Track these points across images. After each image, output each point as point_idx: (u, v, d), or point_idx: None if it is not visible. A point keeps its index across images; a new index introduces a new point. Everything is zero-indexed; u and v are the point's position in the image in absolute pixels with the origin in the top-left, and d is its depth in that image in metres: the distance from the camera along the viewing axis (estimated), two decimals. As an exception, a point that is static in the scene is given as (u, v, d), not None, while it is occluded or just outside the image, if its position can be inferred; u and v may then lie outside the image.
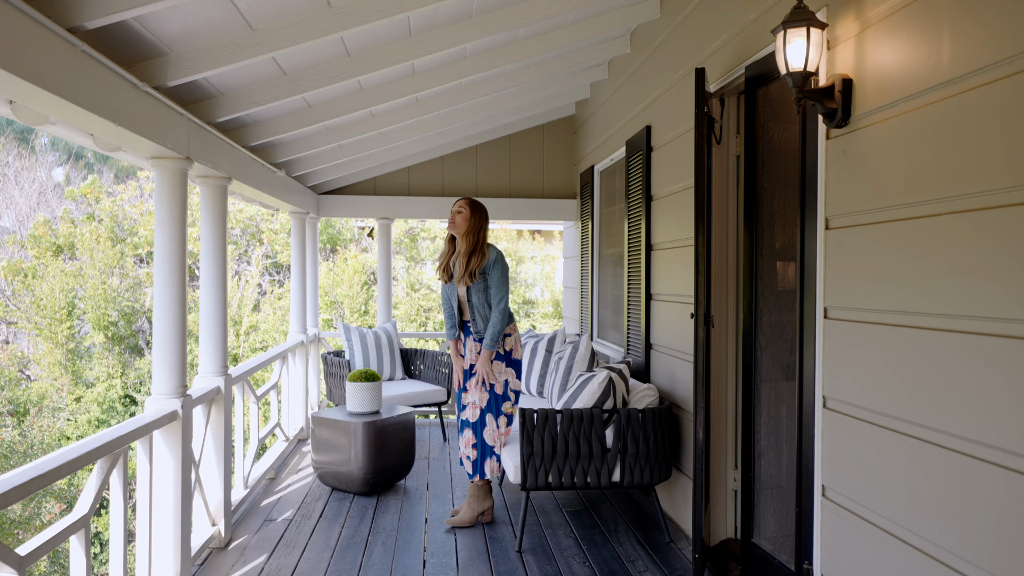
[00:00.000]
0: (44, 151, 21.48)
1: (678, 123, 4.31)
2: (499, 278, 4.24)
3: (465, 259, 4.21)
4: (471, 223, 4.25)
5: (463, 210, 4.27)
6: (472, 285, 4.22)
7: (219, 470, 4.06)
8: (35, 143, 21.16)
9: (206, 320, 4.06)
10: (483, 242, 4.27)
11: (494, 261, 4.24)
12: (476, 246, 4.23)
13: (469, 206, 4.28)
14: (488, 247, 4.27)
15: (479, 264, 4.19)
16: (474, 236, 4.24)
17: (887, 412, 2.37)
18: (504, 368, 4.31)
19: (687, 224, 4.13)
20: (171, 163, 3.36)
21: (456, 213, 4.27)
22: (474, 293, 4.24)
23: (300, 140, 5.16)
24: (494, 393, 4.29)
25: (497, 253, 4.28)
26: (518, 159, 7.36)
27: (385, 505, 4.75)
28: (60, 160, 22.72)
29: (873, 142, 2.47)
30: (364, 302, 14.92)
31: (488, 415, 4.28)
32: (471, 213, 4.26)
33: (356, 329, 6.61)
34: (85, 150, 24.90)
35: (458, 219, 4.26)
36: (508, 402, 4.31)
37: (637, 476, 4.01)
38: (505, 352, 4.32)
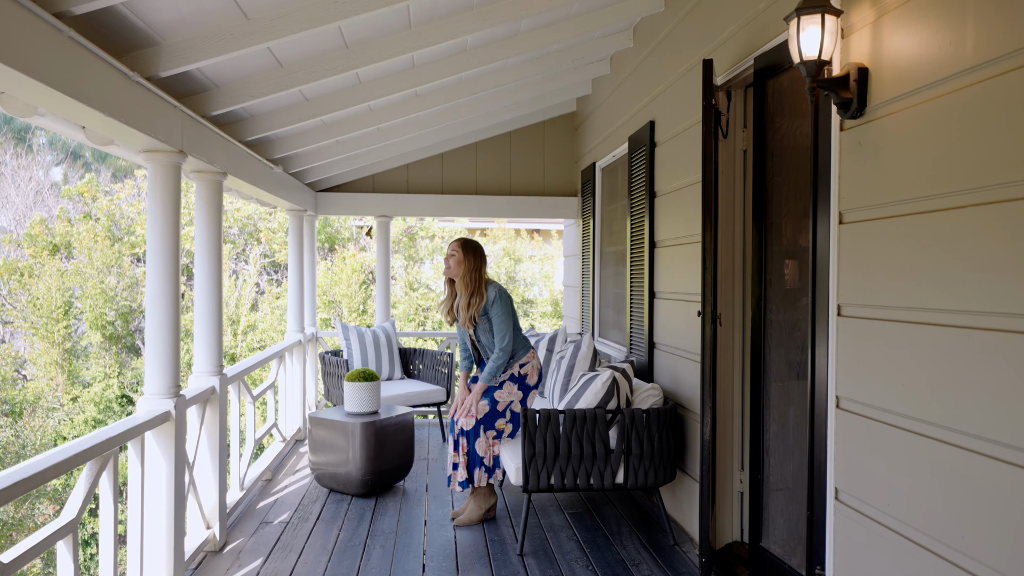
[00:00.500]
0: (41, 150, 21.38)
1: (683, 118, 4.23)
2: (500, 315, 4.19)
3: (466, 303, 4.19)
4: (466, 265, 4.19)
5: (456, 253, 4.22)
6: (478, 326, 4.23)
7: (214, 472, 3.97)
8: (32, 142, 21.05)
9: (201, 318, 3.97)
10: (480, 283, 4.22)
11: (494, 299, 4.19)
12: (474, 288, 4.19)
13: (462, 248, 4.24)
14: (487, 286, 4.23)
15: (479, 306, 4.18)
16: (471, 278, 4.19)
17: (905, 413, 2.28)
18: (515, 390, 4.29)
19: (692, 220, 4.04)
20: (164, 156, 3.26)
21: (450, 257, 4.24)
22: (482, 333, 4.27)
23: (297, 135, 5.07)
24: (494, 408, 4.24)
25: (497, 290, 4.23)
26: (518, 156, 7.27)
27: (384, 507, 4.66)
28: (58, 159, 22.62)
29: (891, 133, 2.38)
30: (362, 301, 14.82)
31: (481, 426, 4.21)
32: (464, 255, 4.20)
33: (354, 328, 6.52)
34: (83, 149, 24.81)
35: (452, 263, 4.23)
36: (503, 420, 4.26)
37: (641, 478, 3.92)
38: (520, 375, 4.30)
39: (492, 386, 4.26)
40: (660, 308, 4.62)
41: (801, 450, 3.02)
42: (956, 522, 2.07)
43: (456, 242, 4.27)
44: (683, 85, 4.23)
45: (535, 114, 7.07)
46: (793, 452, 3.14)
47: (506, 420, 4.27)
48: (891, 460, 2.35)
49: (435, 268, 15.72)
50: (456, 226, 15.58)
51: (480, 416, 4.22)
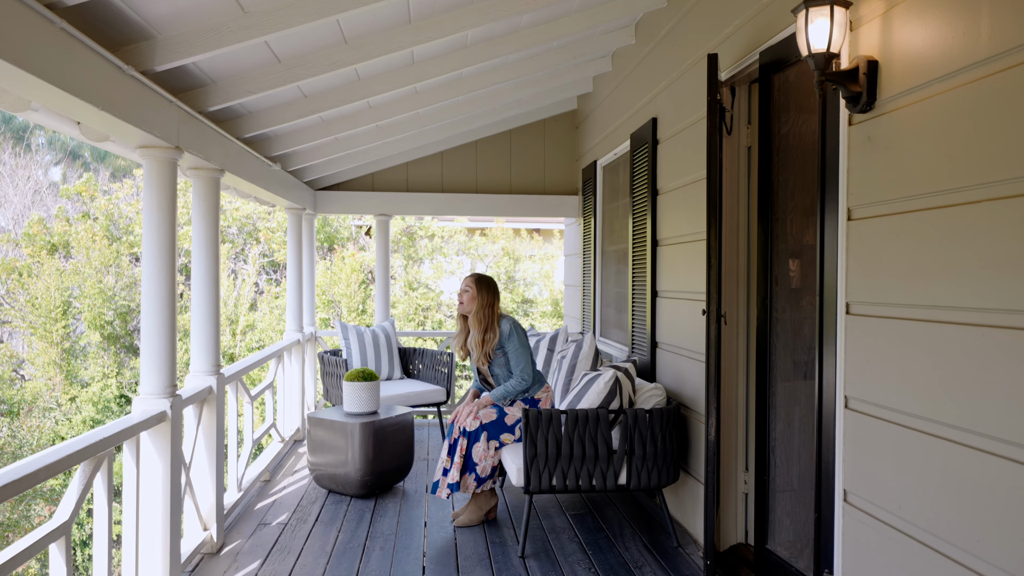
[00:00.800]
0: (40, 150, 21.32)
1: (686, 115, 4.18)
2: (517, 348, 4.20)
3: (479, 339, 4.20)
4: (479, 301, 4.20)
5: (470, 288, 4.24)
6: (493, 361, 4.23)
7: (211, 472, 3.91)
8: (31, 141, 20.99)
9: (198, 317, 3.92)
10: (494, 318, 4.23)
11: (509, 333, 4.20)
12: (488, 324, 4.19)
13: (475, 283, 4.25)
14: (500, 320, 4.24)
15: (493, 341, 4.19)
16: (484, 314, 4.20)
17: (918, 413, 2.23)
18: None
19: (695, 218, 3.99)
20: (160, 153, 3.21)
21: (463, 292, 4.26)
22: (496, 367, 4.27)
23: (296, 132, 5.02)
24: (501, 419, 4.20)
25: (511, 324, 4.25)
26: (519, 154, 7.22)
27: (383, 508, 4.61)
28: (57, 159, 22.56)
29: (901, 127, 2.33)
30: (362, 301, 14.77)
31: (484, 432, 4.16)
32: (478, 291, 4.21)
33: (353, 328, 6.47)
34: (82, 148, 24.75)
35: (465, 299, 4.25)
36: (510, 435, 4.21)
37: (644, 479, 3.87)
38: (532, 399, 4.29)
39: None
40: (663, 307, 4.57)
41: (808, 451, 2.97)
42: (971, 525, 2.01)
43: (470, 278, 4.30)
44: (686, 82, 4.18)
45: (536, 112, 7.02)
46: (800, 453, 3.09)
47: (514, 437, 4.22)
48: (902, 461, 2.29)
49: (434, 268, 15.67)
50: (456, 225, 15.53)
51: (485, 421, 4.17)
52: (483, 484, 4.17)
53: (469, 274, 4.35)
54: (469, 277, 4.30)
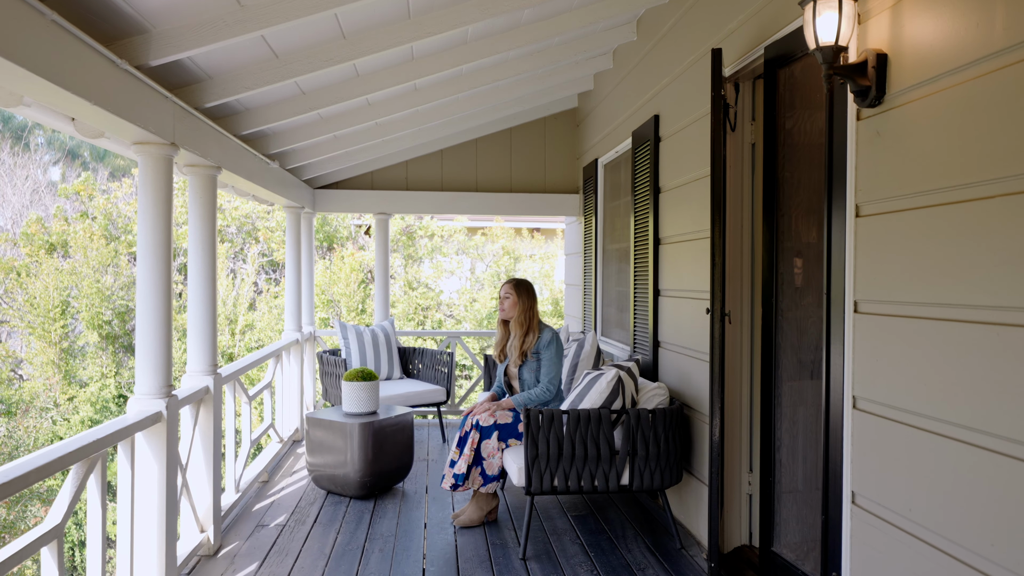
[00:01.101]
0: (39, 149, 21.28)
1: (688, 111, 4.13)
2: (552, 359, 4.28)
3: (519, 341, 4.30)
4: (520, 306, 4.32)
5: (510, 295, 4.35)
6: (525, 364, 4.30)
7: (208, 474, 3.86)
8: (30, 141, 20.94)
9: (194, 316, 3.87)
10: (534, 321, 4.34)
11: (549, 342, 4.29)
12: (528, 327, 4.31)
13: (515, 290, 4.35)
14: (542, 327, 4.34)
15: (532, 344, 4.28)
16: (525, 317, 4.32)
17: (929, 414, 2.18)
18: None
19: (699, 216, 3.94)
20: (155, 149, 3.16)
21: (504, 299, 4.37)
22: (526, 371, 4.32)
23: (294, 130, 4.97)
24: (516, 423, 4.18)
25: (552, 334, 4.34)
26: (519, 153, 7.17)
27: (383, 509, 4.56)
28: (56, 159, 22.51)
29: (911, 121, 2.28)
30: (361, 301, 14.71)
31: (496, 432, 4.12)
32: (518, 296, 4.33)
33: (353, 327, 6.42)
34: (81, 148, 24.69)
35: (507, 305, 4.35)
36: (518, 440, 4.18)
37: (647, 479, 3.82)
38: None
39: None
40: (665, 306, 4.52)
41: (815, 452, 2.92)
42: (983, 528, 1.96)
43: (509, 284, 4.39)
44: (689, 78, 4.13)
45: (536, 110, 6.97)
46: (806, 454, 3.04)
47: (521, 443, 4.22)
48: (913, 463, 2.24)
49: (434, 267, 15.62)
50: (455, 224, 15.48)
51: (501, 422, 4.16)
52: (489, 483, 4.13)
53: (507, 280, 4.46)
54: (508, 283, 4.40)
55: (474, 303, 15.03)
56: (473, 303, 15.01)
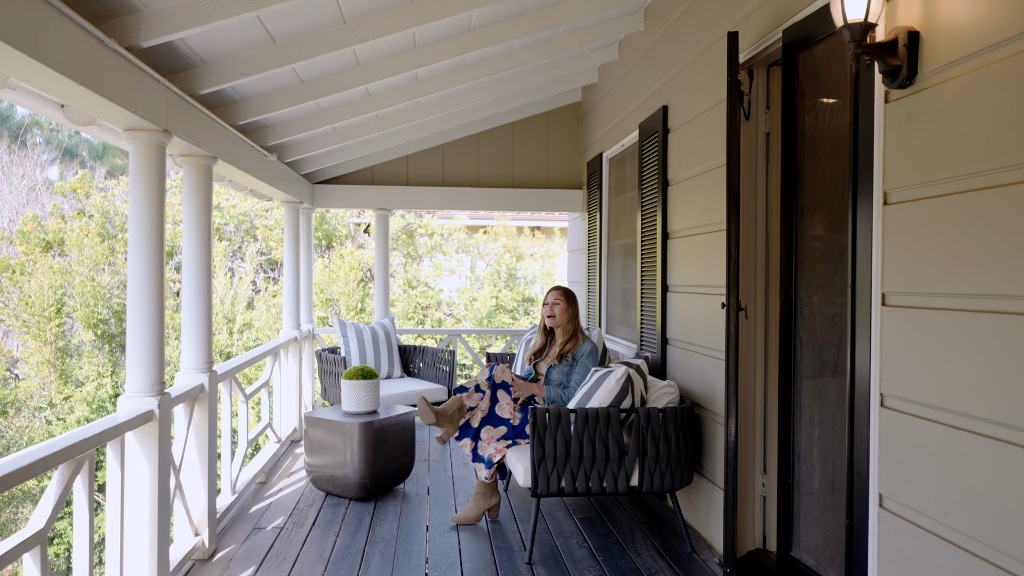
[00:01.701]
0: (37, 148, 21.14)
1: (699, 101, 4.00)
2: (587, 368, 4.21)
3: (561, 348, 4.29)
4: (568, 313, 4.32)
5: (560, 302, 4.32)
6: (557, 365, 4.26)
7: (203, 475, 3.73)
8: (28, 140, 20.80)
9: (189, 312, 3.74)
10: (578, 328, 4.34)
11: (589, 352, 4.28)
12: (572, 332, 4.32)
13: (565, 297, 4.34)
14: (584, 336, 4.33)
15: (573, 348, 4.28)
16: (571, 325, 4.32)
17: (965, 411, 2.05)
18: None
19: (710, 209, 3.82)
20: (147, 136, 3.03)
21: (554, 305, 4.33)
22: (556, 372, 4.27)
23: (293, 122, 4.84)
24: (523, 423, 4.08)
25: (592, 346, 4.31)
26: (522, 148, 7.04)
27: (383, 511, 4.43)
28: (53, 157, 22.36)
29: (945, 102, 2.15)
30: (360, 299, 14.58)
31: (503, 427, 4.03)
32: (567, 304, 4.33)
33: (352, 325, 6.29)
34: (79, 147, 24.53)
35: (557, 311, 4.31)
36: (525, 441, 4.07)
37: (657, 481, 3.69)
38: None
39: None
40: (674, 302, 4.39)
41: (838, 452, 2.79)
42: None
43: (559, 291, 4.37)
44: (699, 67, 4.00)
45: (539, 103, 6.84)
46: (828, 454, 2.90)
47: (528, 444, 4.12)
48: (948, 464, 2.12)
49: (434, 266, 15.49)
50: (456, 223, 15.35)
51: (516, 423, 4.08)
52: (477, 463, 4.04)
53: (554, 288, 4.43)
54: (558, 291, 4.38)
55: (474, 302, 14.90)
56: (473, 302, 14.89)
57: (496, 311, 14.93)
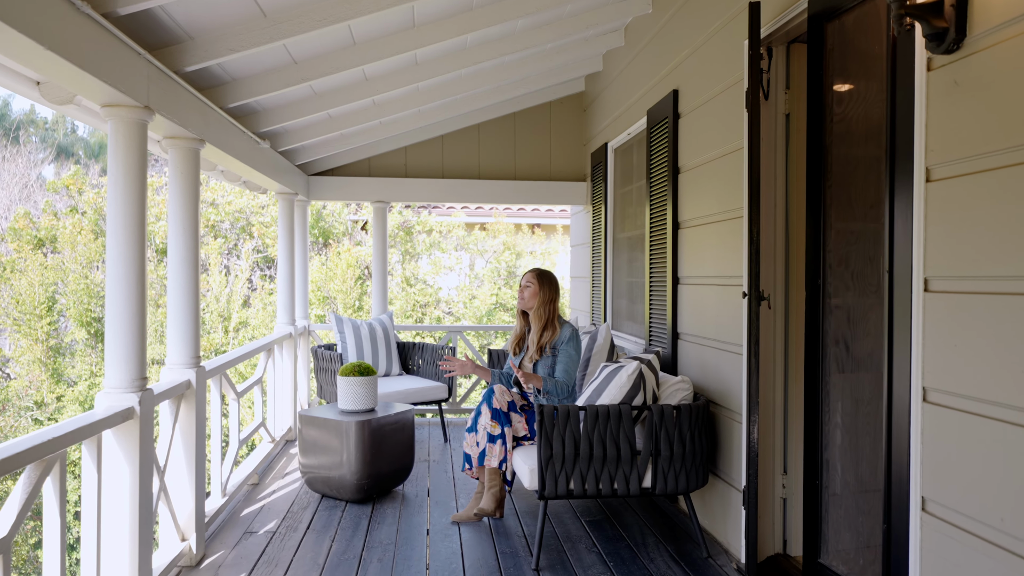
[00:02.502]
0: (29, 144, 20.90)
1: (712, 83, 3.80)
2: (570, 355, 4.04)
3: (538, 335, 4.07)
4: (541, 297, 4.09)
5: (531, 284, 4.11)
6: (540, 360, 4.04)
7: (190, 476, 3.52)
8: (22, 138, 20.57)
9: (175, 304, 3.53)
10: (554, 315, 4.11)
11: (568, 338, 4.04)
12: (547, 320, 4.08)
13: (537, 279, 4.12)
14: (561, 323, 4.08)
15: (550, 338, 4.04)
16: (545, 310, 4.08)
17: (1022, 406, 1.85)
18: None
19: (726, 195, 3.62)
20: (126, 112, 2.82)
21: (524, 288, 4.13)
22: (541, 367, 4.08)
23: (286, 107, 4.63)
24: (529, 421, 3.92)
25: (572, 330, 4.08)
26: (523, 139, 6.84)
27: (381, 514, 4.22)
28: (48, 157, 22.12)
29: (998, 67, 1.95)
30: (358, 297, 14.36)
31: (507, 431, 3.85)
32: (539, 287, 4.10)
33: (349, 321, 6.09)
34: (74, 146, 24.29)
35: (527, 294, 4.12)
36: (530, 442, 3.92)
37: (671, 482, 3.49)
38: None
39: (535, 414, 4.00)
40: (685, 295, 4.19)
41: (874, 452, 2.59)
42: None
43: (531, 273, 4.14)
44: (713, 47, 3.80)
45: (542, 93, 6.64)
46: (862, 455, 2.70)
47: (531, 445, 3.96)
48: (1006, 465, 1.91)
49: (432, 263, 15.27)
50: (454, 220, 15.15)
51: (518, 435, 3.91)
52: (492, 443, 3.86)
53: (530, 269, 4.20)
54: (530, 272, 4.14)
55: (473, 300, 14.70)
56: (472, 300, 14.68)
57: (496, 309, 14.73)
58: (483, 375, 4.14)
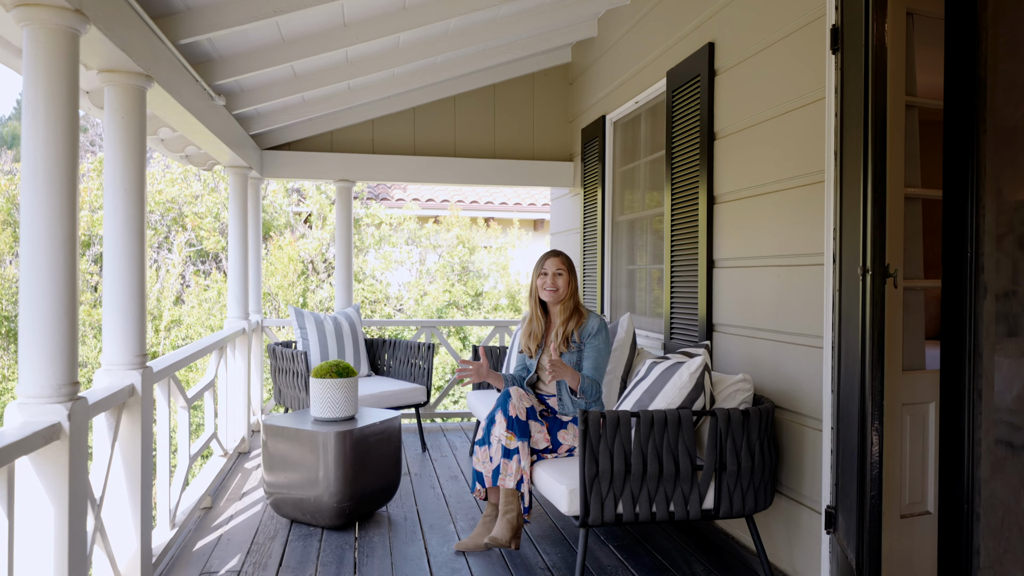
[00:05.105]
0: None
1: (767, 31, 3.25)
2: (602, 349, 3.44)
3: (564, 326, 3.47)
4: (571, 286, 3.53)
5: (563, 271, 3.52)
6: (565, 353, 3.40)
7: (133, 508, 2.74)
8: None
9: (113, 291, 2.74)
10: (579, 303, 3.56)
11: (597, 329, 3.45)
12: (573, 309, 3.52)
13: (567, 266, 3.54)
14: (587, 309, 3.54)
15: (577, 326, 3.47)
16: (575, 299, 3.54)
17: None
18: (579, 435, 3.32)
19: (793, 159, 3.06)
20: (48, 15, 2.04)
21: (556, 276, 3.51)
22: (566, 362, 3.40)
23: (247, 56, 3.85)
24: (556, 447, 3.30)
25: (600, 321, 3.47)
26: (504, 113, 6.17)
27: (368, 544, 3.50)
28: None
29: None
30: (301, 293, 13.44)
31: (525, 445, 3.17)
32: (570, 275, 3.54)
33: (311, 315, 5.32)
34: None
35: (560, 283, 3.51)
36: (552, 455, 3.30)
37: (737, 503, 2.89)
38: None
39: (560, 420, 3.34)
40: (725, 280, 3.61)
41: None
42: None
43: (559, 257, 3.55)
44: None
45: (525, 62, 5.99)
46: None
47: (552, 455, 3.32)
48: None
49: (382, 258, 14.45)
50: (406, 212, 14.37)
51: (538, 447, 3.26)
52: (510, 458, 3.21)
53: (551, 253, 3.58)
54: (557, 257, 3.54)
55: (425, 296, 13.95)
56: (424, 296, 13.93)
57: (448, 307, 14.02)
58: (495, 381, 3.47)
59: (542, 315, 3.56)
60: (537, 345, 3.54)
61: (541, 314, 3.56)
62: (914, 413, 2.86)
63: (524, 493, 3.16)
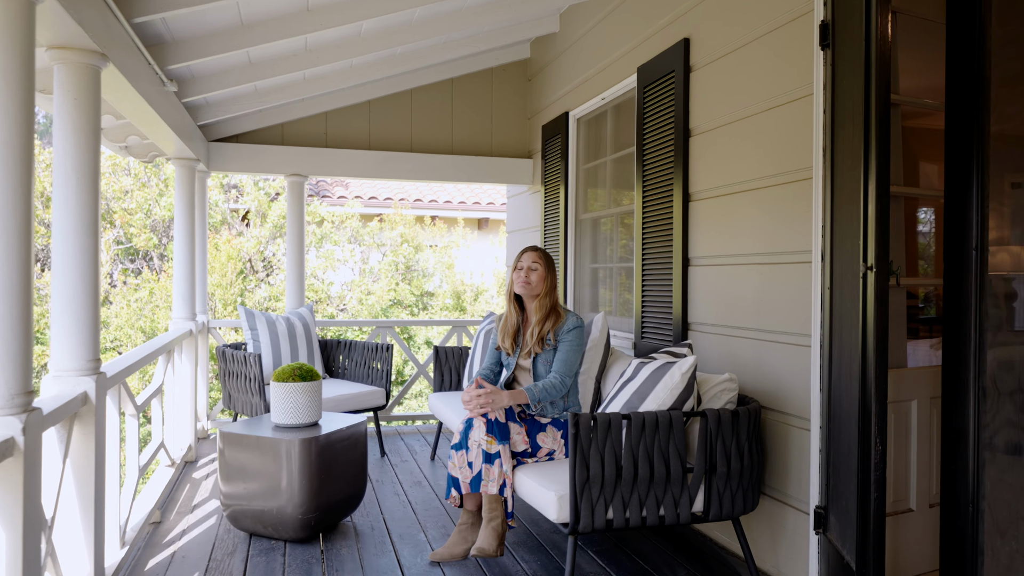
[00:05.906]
0: None
1: (748, 27, 3.21)
2: (576, 347, 3.32)
3: (539, 325, 3.37)
4: (548, 282, 3.44)
5: (538, 266, 3.43)
6: (541, 354, 3.30)
7: (86, 528, 2.51)
8: None
9: (64, 289, 2.50)
10: (556, 301, 3.46)
11: (573, 327, 3.36)
12: (551, 307, 3.41)
13: (544, 260, 3.45)
14: (565, 310, 3.45)
15: (553, 326, 3.36)
16: (552, 297, 3.44)
17: None
18: (559, 438, 3.23)
19: (777, 156, 3.02)
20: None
21: (531, 270, 3.42)
22: (541, 362, 3.37)
23: (202, 39, 3.62)
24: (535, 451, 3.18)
25: (577, 319, 3.36)
26: (462, 108, 6.03)
27: (336, 557, 3.32)
28: None
29: None
30: (240, 293, 12.97)
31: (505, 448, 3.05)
32: (547, 270, 3.44)
33: (262, 315, 5.07)
34: None
35: (534, 278, 3.41)
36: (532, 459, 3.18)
37: (726, 505, 2.83)
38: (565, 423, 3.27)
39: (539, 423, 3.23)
40: (701, 278, 3.57)
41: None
42: None
43: (536, 252, 3.46)
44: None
45: (483, 57, 5.87)
46: None
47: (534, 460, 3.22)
48: None
49: (323, 256, 14.08)
50: (349, 210, 14.03)
51: (516, 450, 3.14)
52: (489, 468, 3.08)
53: (529, 248, 3.47)
54: (536, 252, 3.43)
55: (369, 296, 13.65)
56: (368, 296, 13.63)
57: (393, 306, 13.76)
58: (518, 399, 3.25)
59: (518, 311, 3.45)
60: (513, 342, 3.42)
61: (517, 309, 3.45)
62: (898, 411, 2.86)
63: (507, 498, 3.04)
